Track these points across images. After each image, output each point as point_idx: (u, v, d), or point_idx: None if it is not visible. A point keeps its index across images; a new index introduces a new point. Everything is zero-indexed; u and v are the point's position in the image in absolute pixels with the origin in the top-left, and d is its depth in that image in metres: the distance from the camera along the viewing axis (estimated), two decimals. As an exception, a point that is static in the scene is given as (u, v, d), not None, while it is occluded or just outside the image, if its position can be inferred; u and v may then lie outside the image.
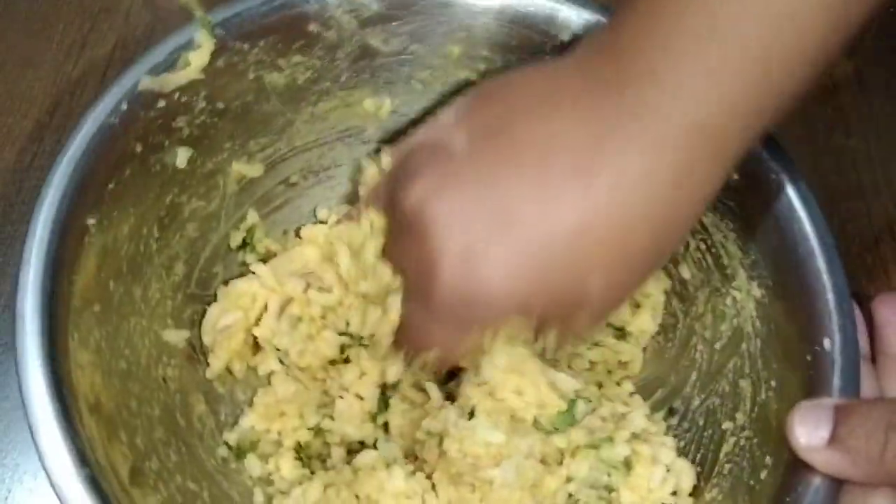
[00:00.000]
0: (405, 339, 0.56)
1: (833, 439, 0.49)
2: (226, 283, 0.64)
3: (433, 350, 0.54)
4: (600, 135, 0.47)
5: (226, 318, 0.62)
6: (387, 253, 0.57)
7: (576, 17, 0.61)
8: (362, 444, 0.62)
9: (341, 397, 0.62)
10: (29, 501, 0.62)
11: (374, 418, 0.62)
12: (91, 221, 0.53)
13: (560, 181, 0.47)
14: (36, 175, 0.73)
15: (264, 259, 0.66)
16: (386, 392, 0.62)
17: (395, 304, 0.56)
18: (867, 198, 0.75)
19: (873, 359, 0.57)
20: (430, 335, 0.54)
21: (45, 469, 0.45)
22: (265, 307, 0.63)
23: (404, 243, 0.53)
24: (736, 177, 0.58)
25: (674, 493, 0.58)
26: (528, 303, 0.50)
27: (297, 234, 0.68)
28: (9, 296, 0.47)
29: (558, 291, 0.49)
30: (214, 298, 0.63)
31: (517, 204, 0.48)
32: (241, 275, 0.65)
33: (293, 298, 0.63)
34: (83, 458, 0.46)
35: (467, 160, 0.50)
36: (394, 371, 0.60)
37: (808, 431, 0.50)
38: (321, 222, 0.68)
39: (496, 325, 0.52)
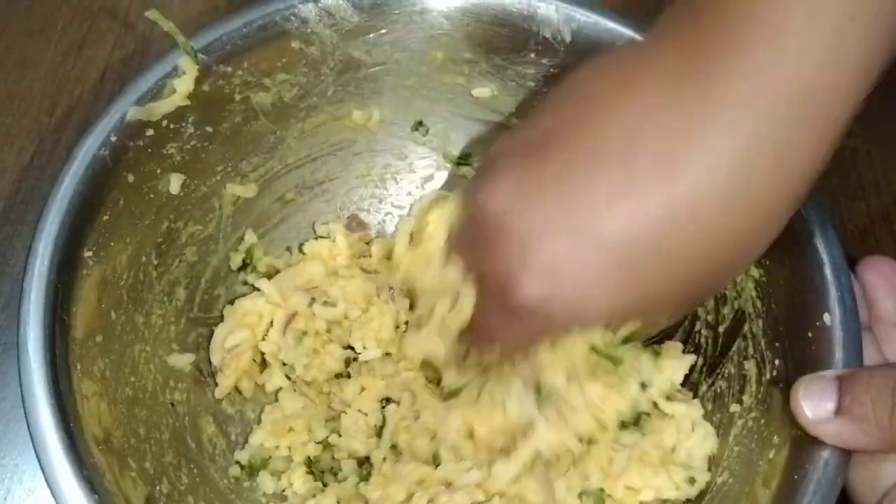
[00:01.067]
0: (474, 335, 0.54)
1: (839, 410, 0.48)
2: (231, 303, 0.65)
3: (496, 347, 0.52)
4: (685, 122, 0.42)
5: (233, 338, 0.63)
6: (457, 247, 0.52)
7: (555, 13, 0.62)
8: (368, 459, 0.62)
9: (345, 412, 0.62)
10: (28, 501, 0.63)
11: (379, 433, 0.62)
12: (88, 254, 0.54)
13: (644, 178, 0.43)
14: (34, 175, 0.74)
15: (267, 277, 0.66)
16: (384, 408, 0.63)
17: (469, 300, 0.52)
18: (867, 197, 0.75)
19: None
20: (500, 335, 0.51)
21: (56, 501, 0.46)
22: (271, 324, 0.64)
23: (482, 247, 0.49)
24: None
25: (691, 481, 0.58)
26: (612, 310, 0.47)
27: (300, 250, 0.68)
28: (9, 296, 0.48)
29: (641, 297, 0.46)
30: (218, 320, 0.64)
31: (598, 207, 0.44)
32: (244, 295, 0.65)
33: (298, 313, 0.64)
34: (93, 487, 0.47)
35: (546, 161, 0.46)
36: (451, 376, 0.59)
37: (814, 405, 0.49)
38: (321, 237, 0.69)
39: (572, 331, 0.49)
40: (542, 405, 0.56)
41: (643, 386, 0.59)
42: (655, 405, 0.60)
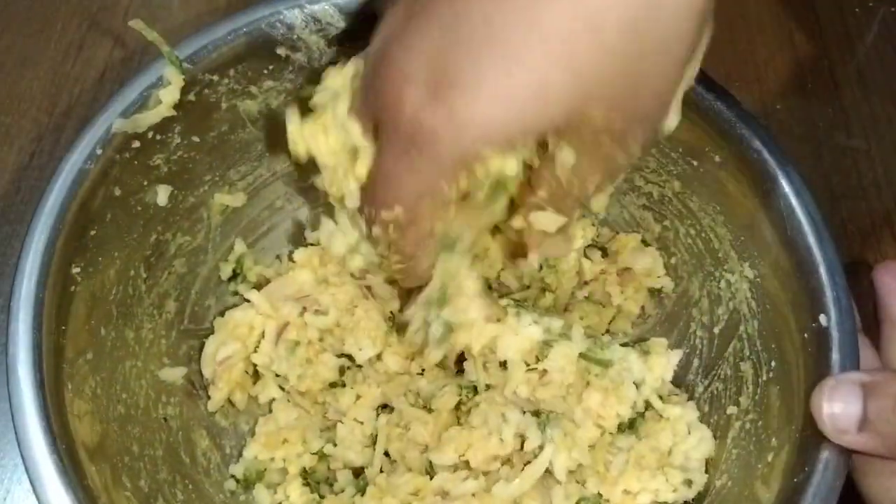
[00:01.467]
0: (370, 198, 0.50)
1: (863, 424, 0.48)
2: (221, 314, 0.64)
3: (396, 209, 0.47)
4: None
5: (224, 350, 0.62)
6: (357, 108, 0.49)
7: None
8: (364, 469, 0.61)
9: (341, 422, 0.62)
10: (28, 501, 0.62)
11: (374, 442, 0.61)
12: (76, 270, 0.53)
13: None
14: (34, 174, 0.74)
15: (258, 286, 0.65)
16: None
17: (365, 158, 0.49)
18: (868, 197, 0.75)
19: (877, 328, 0.56)
20: (394, 181, 0.47)
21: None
22: (263, 335, 0.63)
23: (372, 91, 0.47)
24: (718, 159, 0.58)
25: (688, 483, 0.58)
26: (507, 118, 0.43)
27: (291, 259, 0.68)
28: (8, 296, 0.48)
29: (540, 103, 0.42)
30: (209, 332, 0.63)
31: (483, 24, 0.42)
32: (235, 305, 0.65)
33: (289, 323, 0.63)
34: (86, 508, 0.46)
35: None
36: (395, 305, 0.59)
37: (837, 413, 0.49)
38: (311, 244, 0.68)
39: (465, 168, 0.45)
40: (544, 429, 0.56)
41: (636, 386, 0.59)
42: (650, 405, 0.60)
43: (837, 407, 0.49)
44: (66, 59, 0.79)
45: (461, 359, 0.60)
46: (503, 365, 0.57)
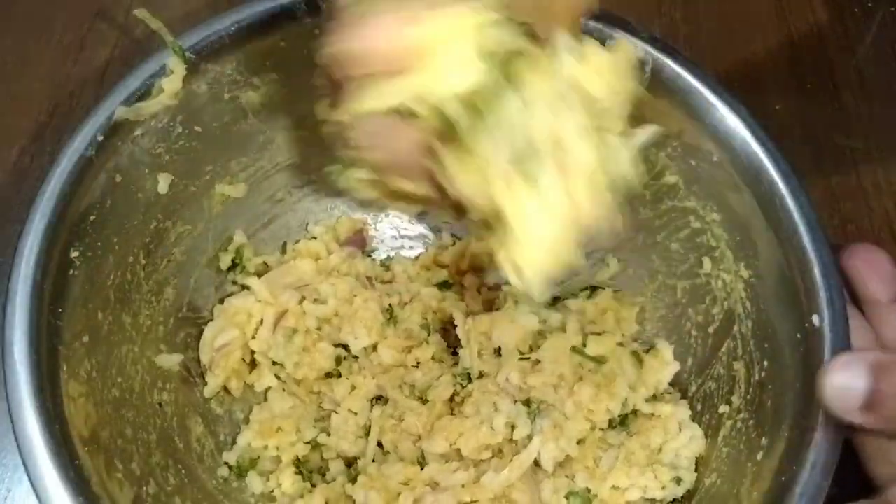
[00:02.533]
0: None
1: (869, 405, 0.48)
2: (220, 302, 0.65)
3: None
4: None
5: (223, 336, 0.63)
6: None
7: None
8: (357, 459, 0.62)
9: (335, 412, 0.62)
10: (28, 500, 0.63)
11: (367, 433, 0.62)
12: (75, 255, 0.53)
13: None
14: (35, 175, 0.74)
15: (258, 276, 0.66)
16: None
17: None
18: (868, 197, 0.75)
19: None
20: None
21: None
22: (261, 322, 0.64)
23: None
24: (716, 158, 0.58)
25: (677, 481, 0.58)
26: None
27: (292, 249, 0.68)
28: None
29: None
30: (207, 320, 0.64)
31: None
32: (233, 294, 0.65)
33: (288, 311, 0.63)
34: (78, 489, 0.46)
35: None
36: None
37: (843, 388, 0.49)
38: (313, 238, 0.69)
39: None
40: (534, 419, 0.56)
41: (631, 388, 0.60)
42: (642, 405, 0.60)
43: (843, 382, 0.49)
44: (67, 59, 0.80)
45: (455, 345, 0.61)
46: (497, 352, 0.57)
